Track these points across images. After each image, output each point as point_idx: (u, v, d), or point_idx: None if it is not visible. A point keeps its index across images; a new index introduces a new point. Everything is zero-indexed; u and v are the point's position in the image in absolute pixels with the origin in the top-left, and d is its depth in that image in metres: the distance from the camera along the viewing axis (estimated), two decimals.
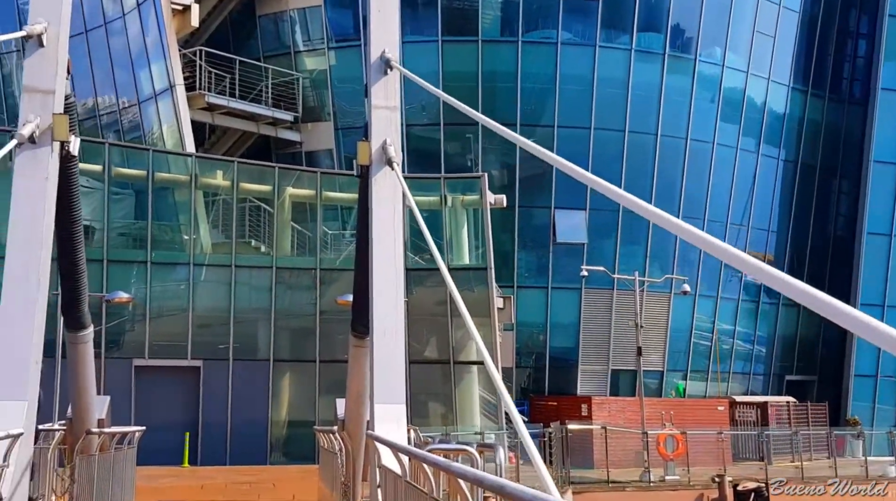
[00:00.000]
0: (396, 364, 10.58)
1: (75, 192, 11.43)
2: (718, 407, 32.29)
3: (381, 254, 10.88)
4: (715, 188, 35.96)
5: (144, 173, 28.05)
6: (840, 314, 3.69)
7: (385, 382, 10.46)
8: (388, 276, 10.83)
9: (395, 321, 10.68)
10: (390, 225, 11.00)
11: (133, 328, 27.61)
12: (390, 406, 10.31)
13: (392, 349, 10.63)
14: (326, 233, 30.09)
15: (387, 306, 10.70)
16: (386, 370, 10.49)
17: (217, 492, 19.92)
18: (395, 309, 10.73)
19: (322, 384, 28.30)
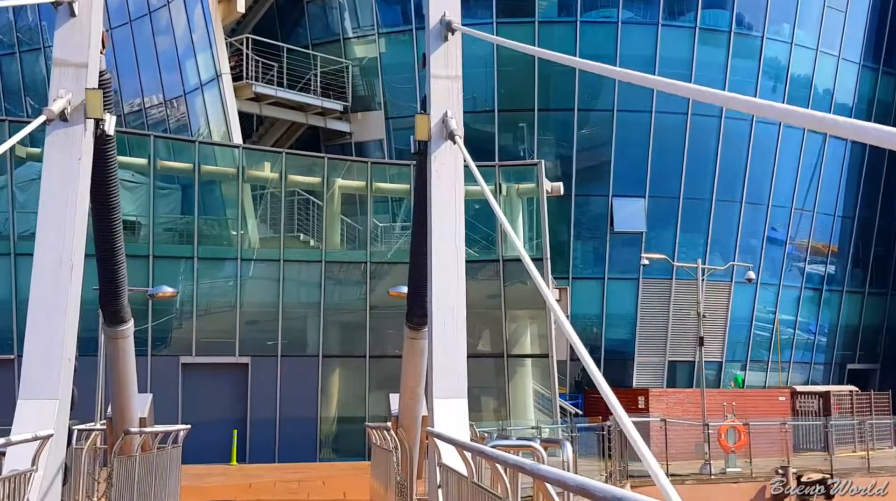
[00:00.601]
0: (457, 357, 9.65)
1: (113, 175, 10.67)
2: (779, 397, 30.90)
3: (441, 237, 9.96)
4: (780, 172, 34.42)
5: (190, 166, 27.50)
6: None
7: (445, 375, 9.54)
8: (448, 261, 9.90)
9: (455, 310, 9.75)
10: (451, 206, 10.06)
11: (180, 324, 27.10)
12: (451, 401, 9.42)
13: (452, 340, 9.70)
14: (377, 226, 29.29)
15: (447, 293, 9.78)
16: (446, 362, 9.58)
17: (265, 491, 19.22)
18: (456, 297, 9.80)
19: (372, 380, 27.56)
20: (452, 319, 9.71)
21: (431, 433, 8.92)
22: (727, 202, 33.45)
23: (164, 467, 14.09)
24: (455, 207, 10.09)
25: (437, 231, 9.95)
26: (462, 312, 9.78)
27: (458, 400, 9.46)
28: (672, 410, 28.30)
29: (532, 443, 9.86)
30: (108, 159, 10.41)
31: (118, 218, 11.15)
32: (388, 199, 30.56)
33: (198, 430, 25.87)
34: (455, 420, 9.28)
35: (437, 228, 9.97)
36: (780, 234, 34.95)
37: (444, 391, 9.46)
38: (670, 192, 33.04)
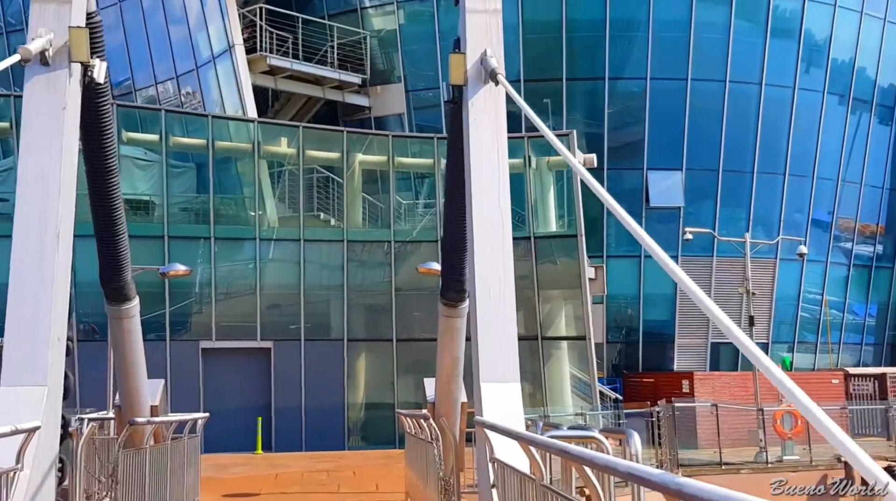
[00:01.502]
0: (506, 333, 8.26)
1: (108, 132, 9.32)
2: (833, 380, 29.28)
3: (482, 195, 8.53)
4: (825, 143, 32.63)
5: (204, 143, 26.22)
6: None
7: (493, 356, 8.15)
8: (492, 223, 8.49)
9: (502, 278, 8.35)
10: (493, 157, 8.62)
11: (199, 308, 25.90)
12: (501, 386, 8.05)
13: (500, 314, 8.30)
14: (400, 204, 27.90)
15: (492, 261, 8.38)
16: (493, 341, 8.18)
17: (292, 483, 17.97)
18: (503, 264, 8.39)
19: (400, 365, 26.29)
20: (499, 290, 8.31)
21: (482, 423, 7.54)
22: (770, 175, 31.75)
23: (179, 459, 12.82)
24: (498, 157, 8.65)
25: (477, 188, 8.54)
26: (510, 281, 8.37)
27: (509, 385, 8.09)
28: (718, 394, 26.78)
29: (594, 434, 8.53)
30: (101, 113, 9.07)
31: (116, 182, 9.82)
32: (411, 175, 29.15)
33: (221, 418, 24.77)
34: (506, 408, 7.91)
35: (477, 184, 8.56)
36: (826, 208, 33.19)
37: (492, 374, 8.09)
38: (709, 164, 31.39)
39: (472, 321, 8.43)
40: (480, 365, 8.07)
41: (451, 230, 10.44)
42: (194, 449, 14.06)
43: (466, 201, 8.74)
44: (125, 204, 26.24)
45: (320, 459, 22.35)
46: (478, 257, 8.35)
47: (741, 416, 24.35)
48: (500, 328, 8.20)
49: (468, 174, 8.63)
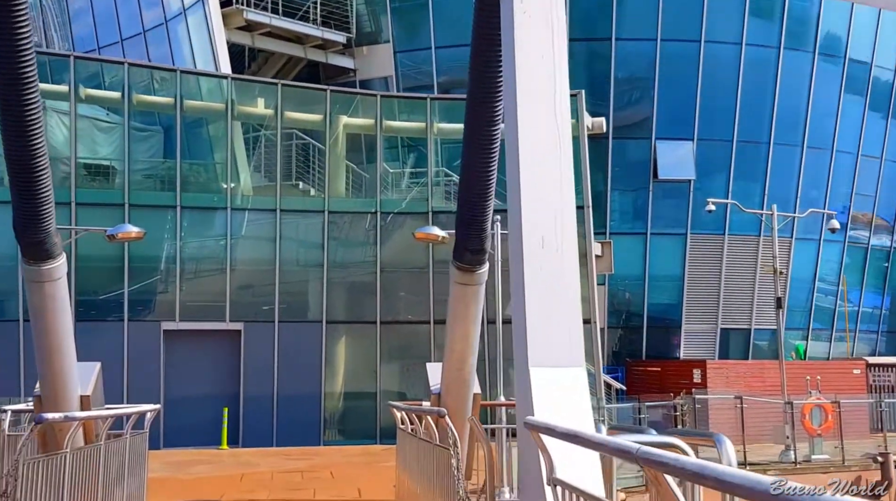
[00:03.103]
0: (567, 297, 5.74)
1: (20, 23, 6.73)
2: (854, 370, 26.98)
3: (532, 107, 5.96)
4: (845, 110, 30.23)
5: (171, 101, 23.46)
6: None
7: (547, 330, 5.63)
8: (546, 144, 5.94)
9: (561, 222, 5.82)
10: (549, 54, 6.04)
11: (161, 285, 23.18)
12: (559, 373, 5.55)
13: (558, 270, 5.77)
14: (388, 172, 25.27)
15: (545, 197, 5.84)
16: (548, 309, 5.66)
17: (259, 485, 15.38)
18: (562, 202, 5.86)
19: (384, 350, 23.78)
20: (556, 237, 5.79)
21: (534, 426, 4.99)
22: (786, 146, 29.36)
23: (118, 462, 10.20)
24: (555, 53, 6.07)
25: (525, 96, 5.96)
26: (571, 225, 5.86)
27: (572, 371, 5.58)
28: (733, 384, 24.42)
29: (675, 441, 6.14)
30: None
31: (35, 99, 7.18)
32: (398, 142, 26.49)
33: (183, 408, 22.25)
34: (569, 403, 5.40)
35: (525, 91, 5.98)
36: (845, 184, 30.86)
37: (545, 355, 5.57)
38: (722, 134, 28.95)
39: (514, 283, 5.89)
40: (529, 343, 5.55)
41: (472, 169, 7.92)
42: (140, 449, 11.45)
43: (506, 117, 6.17)
44: (83, 169, 23.31)
45: (293, 456, 19.80)
46: (525, 192, 5.81)
47: (763, 409, 21.97)
48: (557, 290, 5.66)
49: (509, 78, 6.06)
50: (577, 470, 4.92)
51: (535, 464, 5.22)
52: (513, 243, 5.96)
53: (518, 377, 5.76)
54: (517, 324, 5.77)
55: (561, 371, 5.51)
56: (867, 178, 31.24)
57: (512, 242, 6.01)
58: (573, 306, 5.65)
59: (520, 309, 5.73)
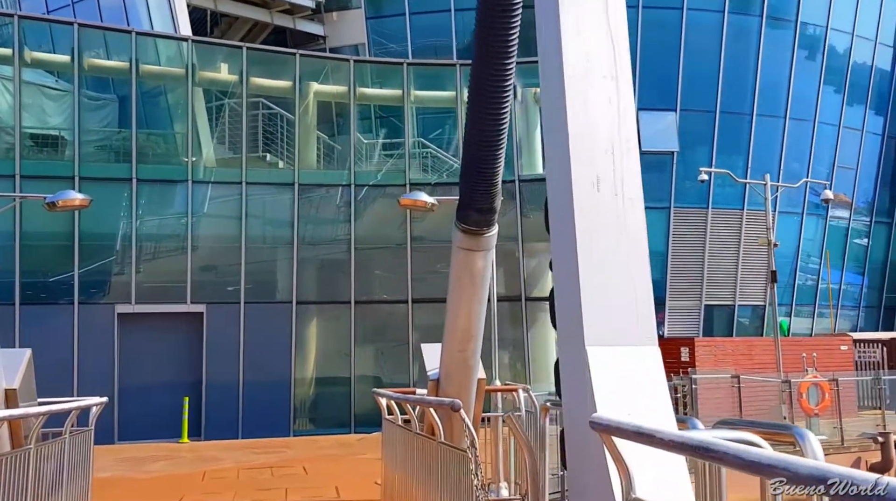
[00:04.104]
0: (634, 254, 4.39)
1: None
2: (842, 347, 26.02)
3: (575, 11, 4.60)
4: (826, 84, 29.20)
5: (126, 65, 21.72)
6: None
7: (607, 298, 4.28)
8: (596, 57, 4.57)
9: (621, 157, 4.46)
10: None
11: (115, 264, 21.50)
12: (624, 351, 4.21)
13: (620, 221, 4.42)
14: (361, 143, 23.74)
15: (600, 123, 4.48)
16: (609, 270, 4.32)
17: (224, 485, 13.92)
18: (620, 131, 4.50)
19: (359, 332, 22.35)
20: (616, 175, 4.43)
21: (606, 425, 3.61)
22: (769, 118, 28.28)
23: (54, 467, 8.69)
24: None
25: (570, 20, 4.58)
26: (635, 158, 4.49)
27: (644, 350, 4.23)
28: (720, 363, 23.33)
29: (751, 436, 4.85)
30: None
31: None
32: (371, 112, 24.96)
33: (140, 398, 20.61)
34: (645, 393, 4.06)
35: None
36: (827, 156, 29.89)
37: (606, 330, 4.21)
38: (705, 104, 27.78)
39: (556, 238, 4.51)
40: (585, 315, 4.18)
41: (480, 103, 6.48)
42: (83, 450, 9.93)
43: (540, 20, 4.77)
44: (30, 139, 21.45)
45: (261, 449, 18.35)
46: (572, 115, 4.41)
47: (756, 388, 20.90)
48: (620, 244, 4.30)
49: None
50: (662, 485, 3.59)
51: (601, 480, 3.87)
52: (554, 186, 4.58)
53: (565, 359, 4.40)
54: (563, 291, 4.42)
55: (628, 351, 4.16)
56: (849, 150, 30.33)
57: (552, 185, 4.63)
58: (641, 266, 4.30)
59: (567, 272, 4.36)
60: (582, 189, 4.31)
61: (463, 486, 5.61)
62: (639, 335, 4.20)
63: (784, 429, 5.96)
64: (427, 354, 8.60)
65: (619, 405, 3.98)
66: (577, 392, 4.22)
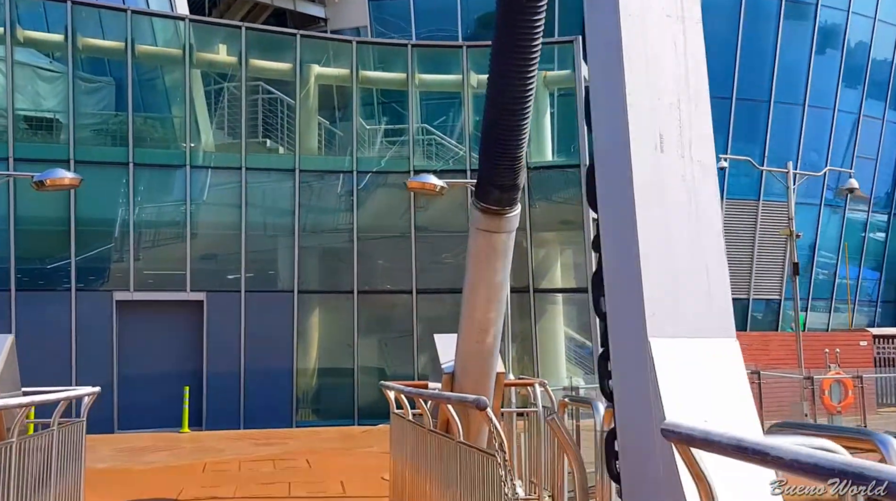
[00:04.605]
0: (707, 227, 3.71)
1: None
2: (861, 342, 25.38)
3: None
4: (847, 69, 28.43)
5: (122, 45, 21.01)
6: None
7: (674, 282, 3.61)
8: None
9: (689, 113, 3.79)
10: None
11: (114, 251, 20.85)
12: (697, 345, 3.53)
13: (688, 188, 3.74)
14: (364, 128, 23.04)
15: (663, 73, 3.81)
16: (673, 248, 3.65)
17: (224, 478, 13.30)
18: (687, 81, 3.82)
19: (362, 322, 21.69)
20: (683, 134, 3.75)
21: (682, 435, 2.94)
22: (787, 105, 27.54)
23: (40, 461, 8.05)
24: None
25: None
26: (706, 113, 3.82)
27: (723, 343, 3.56)
28: None
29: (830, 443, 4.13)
30: None
31: None
32: (374, 98, 24.23)
33: (139, 387, 20.01)
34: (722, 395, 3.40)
35: None
36: (845, 146, 29.14)
37: (674, 320, 3.54)
38: (720, 91, 27.02)
39: (605, 205, 3.84)
40: (646, 301, 3.51)
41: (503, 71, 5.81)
42: (74, 442, 9.28)
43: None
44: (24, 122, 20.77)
45: (262, 440, 17.74)
46: (630, 65, 3.73)
47: (776, 384, 20.24)
48: (688, 215, 3.63)
49: None
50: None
51: (672, 498, 3.19)
52: (603, 148, 3.90)
53: (620, 354, 3.73)
54: (617, 273, 3.74)
55: (701, 344, 3.49)
56: (869, 140, 29.58)
57: (602, 148, 3.95)
58: (715, 243, 3.63)
59: (622, 250, 3.69)
60: (642, 150, 3.63)
61: (490, 492, 4.96)
62: (713, 325, 3.54)
63: (861, 435, 5.28)
64: (441, 345, 7.94)
65: (693, 409, 3.32)
66: (636, 392, 3.55)
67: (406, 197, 21.92)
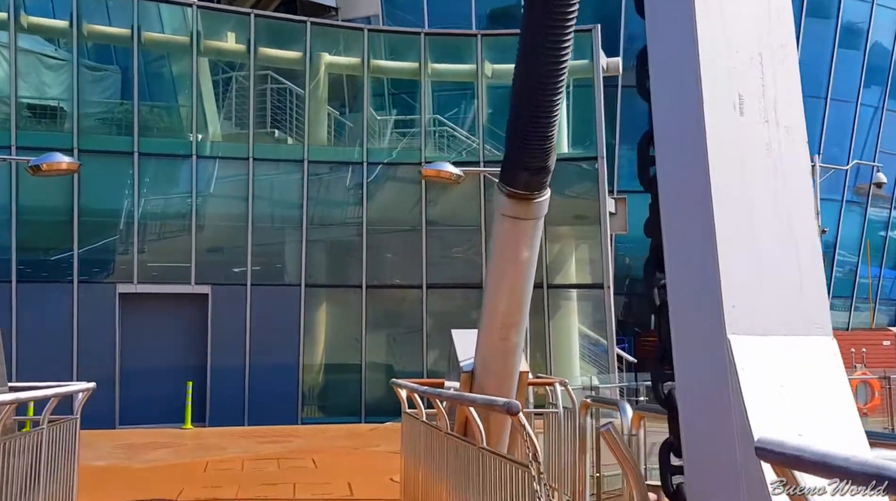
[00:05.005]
0: (797, 213, 3.14)
1: None
2: (884, 342, 24.73)
3: None
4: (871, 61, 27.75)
5: (128, 32, 20.48)
6: None
7: (759, 270, 3.03)
8: None
9: (773, 73, 3.19)
10: None
11: (118, 243, 20.34)
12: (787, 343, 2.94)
13: (773, 159, 3.16)
14: (374, 119, 22.48)
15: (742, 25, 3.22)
16: (756, 230, 3.07)
17: (227, 478, 12.76)
18: (771, 35, 3.23)
19: (370, 317, 21.13)
20: (767, 95, 3.16)
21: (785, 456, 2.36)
22: (810, 98, 26.82)
23: (27, 462, 7.52)
24: None
25: None
26: (794, 74, 3.22)
27: (815, 341, 2.97)
28: None
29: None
30: None
31: None
32: (387, 85, 23.65)
33: (142, 382, 19.48)
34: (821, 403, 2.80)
35: None
36: (868, 140, 28.45)
37: (758, 315, 2.94)
38: None
39: (673, 184, 3.25)
40: (726, 293, 2.92)
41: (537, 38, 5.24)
42: (67, 440, 8.75)
43: None
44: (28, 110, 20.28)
45: (267, 437, 17.21)
46: (703, 13, 3.14)
47: None
48: (775, 190, 3.03)
49: None
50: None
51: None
52: (667, 110, 3.32)
53: (689, 353, 3.16)
54: (685, 258, 3.17)
55: (792, 343, 2.91)
56: (892, 135, 28.88)
57: (664, 109, 3.36)
58: (805, 223, 3.05)
59: (692, 230, 3.11)
60: (717, 114, 3.05)
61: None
62: (806, 319, 2.97)
63: None
64: (459, 341, 7.37)
65: (784, 420, 2.75)
66: (709, 399, 2.98)
67: (417, 190, 21.39)
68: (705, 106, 3.07)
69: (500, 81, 21.94)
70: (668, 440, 3.74)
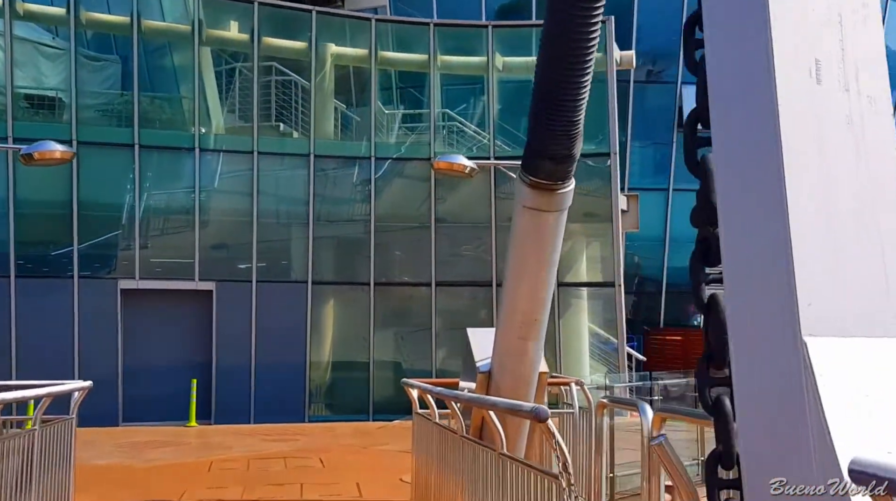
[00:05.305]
0: (882, 196, 2.72)
1: None
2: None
3: None
4: None
5: (127, 20, 20.09)
6: None
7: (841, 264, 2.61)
8: None
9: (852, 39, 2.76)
10: None
11: (119, 237, 19.98)
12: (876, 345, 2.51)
13: (855, 134, 2.74)
14: (382, 113, 22.08)
15: None
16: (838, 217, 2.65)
17: (231, 477, 12.41)
18: None
19: (378, 315, 20.77)
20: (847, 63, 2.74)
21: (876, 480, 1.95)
22: None
23: (17, 463, 7.15)
24: None
25: None
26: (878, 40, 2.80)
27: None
28: None
29: None
30: None
31: None
32: (394, 78, 23.22)
33: (145, 379, 19.14)
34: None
35: None
36: None
37: (839, 315, 2.52)
38: None
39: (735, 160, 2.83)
40: (800, 288, 2.49)
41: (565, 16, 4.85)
42: (62, 441, 8.38)
43: None
44: (25, 100, 19.85)
45: (273, 436, 16.86)
46: None
47: None
48: (858, 170, 2.61)
49: None
50: None
51: None
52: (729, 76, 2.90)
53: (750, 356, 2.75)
54: (749, 246, 2.76)
55: (881, 346, 2.50)
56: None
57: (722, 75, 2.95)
58: (893, 212, 2.63)
59: (758, 214, 2.70)
60: (790, 81, 2.64)
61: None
62: (893, 319, 2.56)
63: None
64: (475, 340, 6.97)
65: (871, 435, 2.35)
66: (778, 409, 2.57)
67: (426, 186, 21.01)
68: (777, 74, 2.66)
69: (511, 74, 21.53)
70: (716, 450, 3.34)
